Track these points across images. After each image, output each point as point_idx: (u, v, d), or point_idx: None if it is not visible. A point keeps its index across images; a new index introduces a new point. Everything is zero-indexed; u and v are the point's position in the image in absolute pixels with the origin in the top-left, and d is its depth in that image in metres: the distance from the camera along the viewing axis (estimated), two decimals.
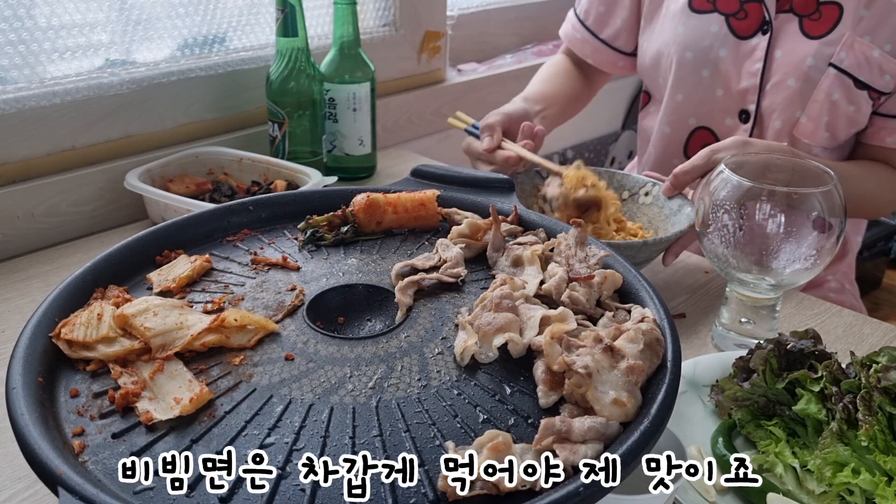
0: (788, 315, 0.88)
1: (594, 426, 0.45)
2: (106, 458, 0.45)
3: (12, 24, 0.97)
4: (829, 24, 1.04)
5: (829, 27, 1.04)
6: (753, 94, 1.09)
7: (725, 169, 0.74)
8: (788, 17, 1.07)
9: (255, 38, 1.24)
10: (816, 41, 1.04)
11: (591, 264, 0.61)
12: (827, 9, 1.04)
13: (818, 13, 1.05)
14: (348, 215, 0.70)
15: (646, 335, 0.51)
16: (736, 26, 1.09)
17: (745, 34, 1.09)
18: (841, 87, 1.03)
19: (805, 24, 1.05)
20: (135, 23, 1.10)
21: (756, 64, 1.08)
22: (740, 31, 1.09)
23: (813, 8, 1.05)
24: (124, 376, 0.51)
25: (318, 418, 0.48)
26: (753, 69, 1.08)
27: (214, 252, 0.67)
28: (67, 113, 1.01)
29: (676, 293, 0.92)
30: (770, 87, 1.08)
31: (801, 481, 0.60)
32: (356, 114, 1.17)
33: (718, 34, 1.10)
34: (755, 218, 0.72)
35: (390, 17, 1.42)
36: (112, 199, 1.06)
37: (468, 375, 0.51)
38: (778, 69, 1.07)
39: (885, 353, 0.62)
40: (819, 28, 1.05)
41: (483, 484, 0.43)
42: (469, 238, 0.66)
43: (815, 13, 1.05)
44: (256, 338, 0.55)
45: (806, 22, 1.05)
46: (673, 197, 0.93)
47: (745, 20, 1.09)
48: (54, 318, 0.55)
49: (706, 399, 0.71)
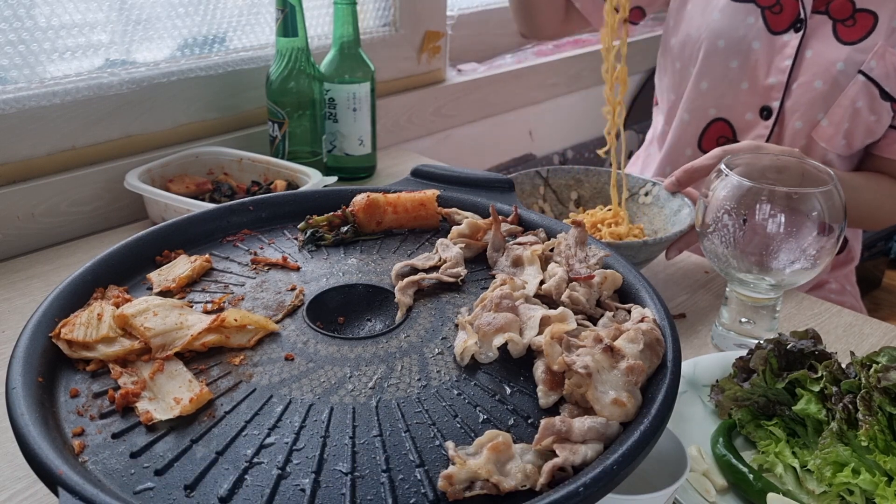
0: (788, 315, 0.88)
1: (594, 426, 0.45)
2: (106, 458, 0.45)
3: (12, 24, 0.97)
4: (863, 31, 1.04)
5: (862, 34, 1.04)
6: (779, 90, 1.09)
7: (726, 169, 0.74)
8: (823, 19, 1.06)
9: (255, 38, 1.24)
10: (848, 47, 1.04)
11: (591, 264, 0.61)
12: (862, 16, 1.04)
13: (853, 19, 1.05)
14: (348, 215, 0.70)
15: (646, 335, 0.51)
16: (771, 20, 1.09)
17: (778, 29, 1.08)
18: (866, 96, 1.03)
19: (839, 28, 1.05)
20: (135, 23, 1.10)
21: (786, 61, 1.08)
22: (774, 26, 1.09)
23: (849, 13, 1.05)
24: (124, 376, 0.51)
25: (318, 418, 0.48)
26: (783, 66, 1.08)
27: (214, 252, 0.67)
28: (67, 113, 1.01)
29: (676, 293, 0.92)
30: (796, 87, 1.08)
31: (801, 481, 0.60)
32: (356, 114, 1.17)
33: (753, 26, 1.09)
34: (755, 218, 0.72)
35: (390, 17, 1.42)
36: (112, 199, 1.06)
37: (468, 375, 0.51)
38: (807, 69, 1.07)
39: (885, 353, 0.62)
40: (852, 34, 1.04)
41: (483, 484, 0.43)
42: (469, 238, 0.66)
43: (850, 19, 1.05)
44: (256, 338, 0.55)
45: (840, 27, 1.05)
46: (675, 194, 0.93)
47: (780, 15, 1.08)
48: (54, 318, 0.55)
49: (706, 399, 0.71)
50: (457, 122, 1.60)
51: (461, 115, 1.60)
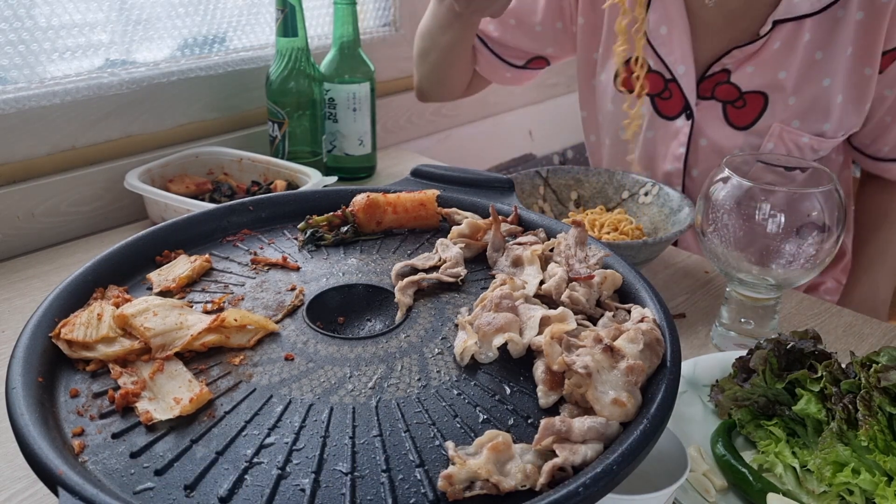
0: (788, 315, 0.88)
1: (594, 426, 0.45)
2: (106, 458, 0.45)
3: (12, 24, 0.97)
4: (754, 113, 1.00)
5: (754, 116, 1.00)
6: (678, 177, 1.07)
7: (726, 169, 0.74)
8: (712, 105, 1.03)
9: (255, 38, 1.24)
10: (742, 132, 1.01)
11: (591, 264, 0.61)
12: (752, 97, 1.00)
13: (742, 101, 1.01)
14: (348, 215, 0.70)
15: (646, 335, 0.51)
16: (661, 106, 1.06)
17: (670, 115, 1.06)
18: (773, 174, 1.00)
19: (729, 111, 1.02)
20: (135, 23, 1.10)
21: (680, 149, 1.05)
22: (665, 112, 1.06)
23: (736, 96, 1.01)
24: (124, 376, 0.51)
25: (317, 418, 0.48)
26: (677, 153, 1.06)
27: (214, 252, 0.67)
28: (67, 113, 1.01)
29: (676, 293, 0.92)
30: (698, 175, 1.06)
31: (801, 481, 0.60)
32: (356, 114, 1.17)
33: (644, 116, 1.07)
34: (755, 218, 0.72)
35: (390, 17, 1.42)
36: (112, 199, 1.06)
37: (468, 375, 0.51)
38: (705, 158, 1.05)
39: (885, 353, 0.62)
40: (744, 118, 1.01)
41: (483, 484, 0.43)
42: (469, 238, 0.66)
43: (739, 100, 1.01)
44: (256, 338, 0.55)
45: (730, 110, 1.01)
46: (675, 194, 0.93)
47: (670, 101, 1.05)
48: (54, 318, 0.55)
49: (706, 399, 0.71)
50: (457, 122, 1.60)
51: (461, 115, 1.60)
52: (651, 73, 1.05)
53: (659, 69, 1.05)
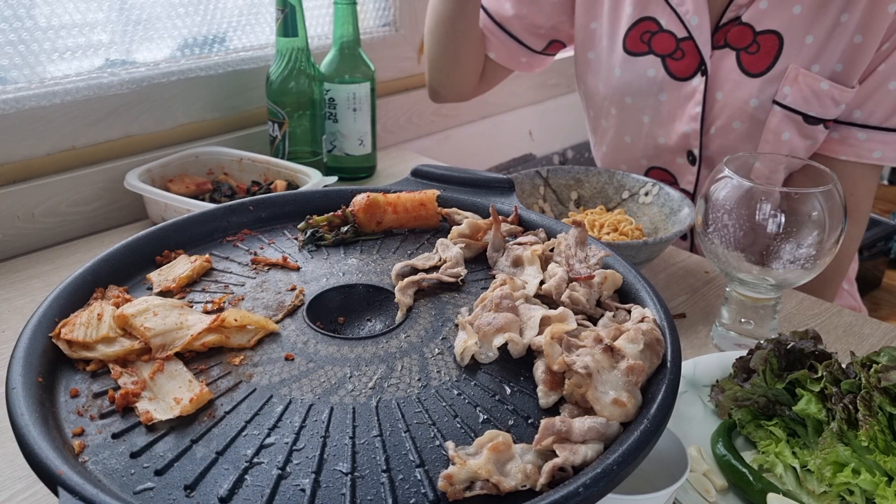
0: (788, 315, 0.88)
1: (594, 426, 0.45)
2: (106, 458, 0.45)
3: (12, 24, 0.97)
4: (769, 57, 0.96)
5: (769, 61, 0.96)
6: (695, 138, 1.04)
7: (726, 169, 0.74)
8: (725, 53, 0.99)
9: (255, 38, 1.24)
10: (758, 79, 0.97)
11: (591, 264, 0.61)
12: (765, 39, 0.96)
13: (755, 45, 0.96)
14: (348, 215, 0.70)
15: (646, 335, 0.51)
16: (673, 68, 1.03)
17: (683, 76, 1.02)
18: (791, 125, 0.96)
19: (743, 59, 0.97)
20: (135, 23, 1.10)
21: (696, 108, 1.02)
22: (678, 73, 1.03)
23: (749, 40, 0.96)
24: (124, 376, 0.51)
25: (318, 418, 0.48)
26: (693, 113, 1.02)
27: (214, 252, 0.67)
28: (67, 113, 1.01)
29: (676, 293, 0.92)
30: (715, 132, 1.03)
31: (801, 481, 0.60)
32: (356, 114, 1.17)
33: (655, 78, 1.04)
34: (755, 218, 0.72)
35: (390, 17, 1.42)
36: (112, 199, 1.06)
37: (468, 375, 0.51)
38: (721, 112, 1.01)
39: (885, 353, 0.62)
40: (759, 63, 0.97)
41: (483, 484, 0.43)
42: (469, 238, 0.66)
43: (753, 45, 0.96)
44: (256, 338, 0.55)
45: (744, 56, 0.97)
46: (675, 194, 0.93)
47: (683, 60, 1.02)
48: (54, 318, 0.55)
49: (706, 399, 0.71)
50: (457, 122, 1.60)
51: (461, 115, 1.60)
52: (662, 33, 1.02)
53: (671, 28, 1.02)
